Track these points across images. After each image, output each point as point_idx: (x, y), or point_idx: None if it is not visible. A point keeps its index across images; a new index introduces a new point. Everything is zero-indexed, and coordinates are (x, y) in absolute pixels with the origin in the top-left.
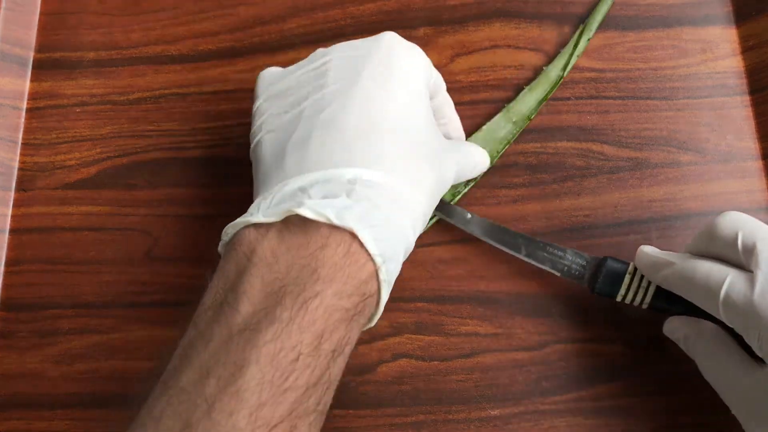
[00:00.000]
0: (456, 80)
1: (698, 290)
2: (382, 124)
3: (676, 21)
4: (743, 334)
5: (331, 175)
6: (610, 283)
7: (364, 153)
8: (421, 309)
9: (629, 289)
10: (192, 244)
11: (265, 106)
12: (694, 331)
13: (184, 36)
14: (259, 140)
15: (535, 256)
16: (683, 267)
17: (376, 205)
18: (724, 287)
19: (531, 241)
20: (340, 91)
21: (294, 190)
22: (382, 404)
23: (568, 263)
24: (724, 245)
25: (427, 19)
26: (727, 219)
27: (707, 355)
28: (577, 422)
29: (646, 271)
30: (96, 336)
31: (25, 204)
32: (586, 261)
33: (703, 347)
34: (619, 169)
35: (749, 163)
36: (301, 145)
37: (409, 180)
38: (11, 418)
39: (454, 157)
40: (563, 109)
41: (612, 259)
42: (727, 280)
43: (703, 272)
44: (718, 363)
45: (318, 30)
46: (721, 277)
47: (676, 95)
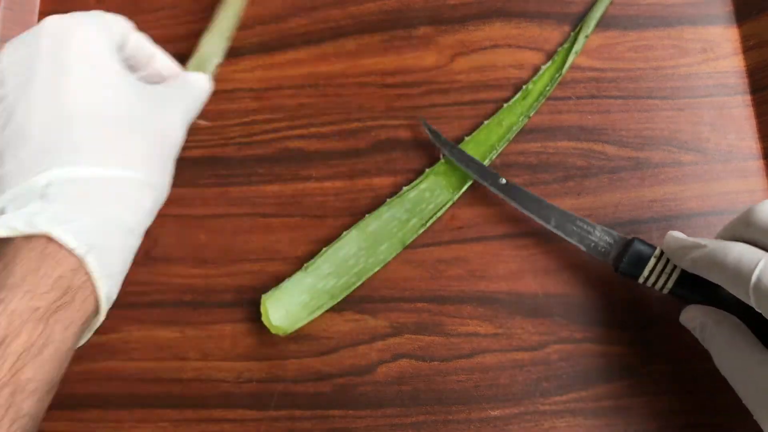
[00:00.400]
0: (456, 80)
1: (728, 273)
2: (71, 115)
3: (677, 20)
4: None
5: (25, 187)
6: (634, 264)
7: (57, 152)
8: (421, 309)
9: (653, 271)
10: (192, 244)
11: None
12: (712, 320)
13: (184, 36)
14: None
15: (563, 228)
16: (714, 249)
17: (78, 199)
18: (757, 270)
19: (562, 214)
20: (19, 97)
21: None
22: (382, 404)
23: (595, 239)
24: (762, 231)
25: (427, 18)
26: (765, 206)
27: (724, 345)
28: (577, 422)
29: (674, 254)
30: (95, 336)
31: None
32: (614, 239)
33: (721, 336)
34: (620, 169)
35: (750, 163)
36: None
37: (117, 161)
38: None
39: (173, 104)
40: (564, 108)
41: (639, 240)
42: (761, 263)
43: (736, 254)
44: (734, 353)
45: (318, 30)
46: (755, 259)
47: (677, 95)
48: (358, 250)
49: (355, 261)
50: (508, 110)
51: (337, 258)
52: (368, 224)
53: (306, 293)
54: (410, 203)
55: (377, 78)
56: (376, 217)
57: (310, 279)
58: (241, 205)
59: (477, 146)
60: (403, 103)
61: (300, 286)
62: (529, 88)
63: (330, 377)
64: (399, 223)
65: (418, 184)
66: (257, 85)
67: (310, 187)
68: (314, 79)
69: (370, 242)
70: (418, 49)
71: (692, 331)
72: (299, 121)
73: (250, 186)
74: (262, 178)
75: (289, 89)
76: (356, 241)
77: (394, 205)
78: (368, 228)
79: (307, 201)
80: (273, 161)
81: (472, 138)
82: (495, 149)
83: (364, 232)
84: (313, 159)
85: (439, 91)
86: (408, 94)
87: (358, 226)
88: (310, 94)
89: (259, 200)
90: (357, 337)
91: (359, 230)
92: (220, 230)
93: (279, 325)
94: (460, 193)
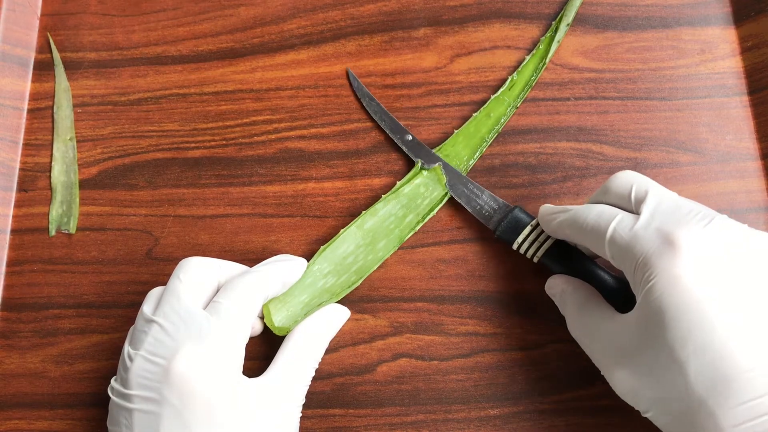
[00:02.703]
0: (456, 80)
1: (588, 229)
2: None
3: (675, 21)
4: (622, 266)
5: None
6: (511, 230)
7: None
8: (421, 309)
9: (526, 239)
10: (192, 245)
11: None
12: (570, 287)
13: (185, 37)
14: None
15: (455, 189)
16: (578, 210)
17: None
18: (613, 223)
19: (458, 176)
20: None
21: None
22: (382, 404)
23: (482, 203)
24: (618, 197)
25: (426, 19)
26: (621, 175)
27: (578, 307)
28: (576, 421)
29: (544, 220)
30: (97, 336)
31: (26, 204)
32: (498, 205)
33: (576, 300)
34: (618, 169)
35: (748, 163)
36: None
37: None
38: (12, 418)
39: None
40: (563, 109)
41: (521, 209)
42: (617, 218)
43: (595, 213)
44: (587, 313)
45: (318, 31)
46: (612, 215)
47: (676, 96)
48: (356, 247)
49: (353, 258)
50: (496, 101)
51: (336, 256)
52: (365, 221)
53: (306, 292)
54: (406, 198)
55: (377, 79)
56: (372, 213)
57: (309, 278)
58: (241, 205)
59: (467, 138)
60: (403, 103)
61: (300, 286)
62: (515, 79)
63: (330, 376)
64: (396, 219)
65: (412, 179)
66: (258, 86)
67: (310, 188)
68: (314, 79)
69: (367, 239)
70: (417, 50)
71: (553, 298)
72: (299, 121)
73: (250, 186)
74: (263, 178)
75: (289, 90)
76: (354, 238)
77: (390, 201)
78: (365, 225)
79: (307, 201)
80: (273, 162)
81: (461, 131)
82: (485, 141)
83: (361, 229)
84: (313, 159)
85: (439, 92)
86: (408, 94)
87: (355, 223)
88: (311, 94)
89: (259, 200)
90: (357, 336)
91: (356, 228)
92: (220, 230)
93: (282, 326)
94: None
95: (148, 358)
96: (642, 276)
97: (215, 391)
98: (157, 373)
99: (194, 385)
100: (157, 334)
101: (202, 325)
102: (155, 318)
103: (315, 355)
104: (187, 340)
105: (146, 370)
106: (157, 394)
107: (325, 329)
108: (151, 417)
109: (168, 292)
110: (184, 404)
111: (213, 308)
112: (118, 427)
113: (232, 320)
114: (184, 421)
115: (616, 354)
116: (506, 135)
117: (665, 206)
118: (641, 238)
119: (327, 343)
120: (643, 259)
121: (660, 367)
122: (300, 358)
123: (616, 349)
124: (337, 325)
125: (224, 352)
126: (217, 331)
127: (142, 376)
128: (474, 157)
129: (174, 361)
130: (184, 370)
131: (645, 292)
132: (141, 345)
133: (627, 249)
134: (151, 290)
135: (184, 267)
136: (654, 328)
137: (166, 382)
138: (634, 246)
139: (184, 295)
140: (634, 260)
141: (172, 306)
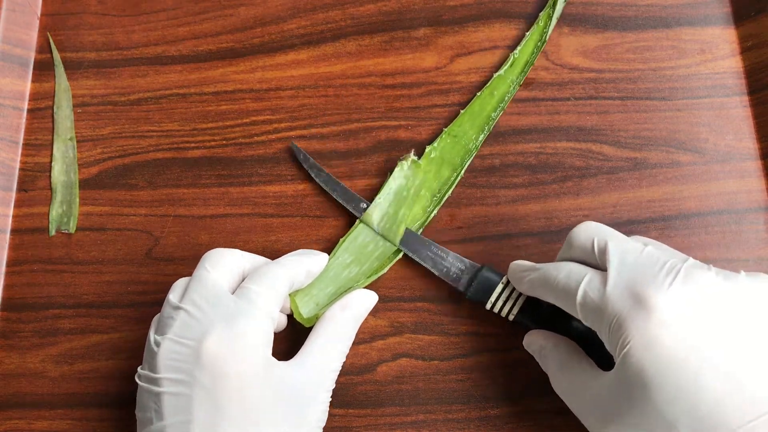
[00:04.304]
0: (456, 80)
1: (559, 289)
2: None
3: (675, 21)
4: (596, 328)
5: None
6: (482, 290)
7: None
8: (421, 309)
9: (499, 297)
10: (192, 244)
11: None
12: (550, 343)
13: (185, 37)
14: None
15: (418, 253)
16: (547, 269)
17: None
18: (582, 284)
19: (418, 239)
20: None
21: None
22: (382, 404)
23: (448, 265)
24: (582, 251)
25: (426, 19)
26: (582, 228)
27: (559, 365)
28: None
29: (515, 278)
30: (97, 336)
31: (26, 204)
32: (465, 266)
33: (556, 357)
34: (618, 170)
35: (748, 163)
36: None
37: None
38: (12, 418)
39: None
40: (563, 109)
41: (488, 268)
42: (585, 278)
43: (565, 272)
44: (568, 371)
45: (318, 31)
46: (581, 275)
47: (676, 95)
48: (374, 235)
49: (374, 246)
50: (499, 80)
51: (356, 246)
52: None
53: (331, 284)
54: (392, 195)
55: (377, 79)
56: (385, 196)
57: (332, 271)
58: (241, 205)
59: (473, 117)
60: (403, 103)
61: (324, 279)
62: (516, 56)
63: None
64: (388, 217)
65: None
66: (258, 86)
67: (310, 187)
68: (314, 79)
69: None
70: (417, 50)
71: (533, 354)
72: (300, 121)
73: (250, 186)
74: (263, 178)
75: (289, 90)
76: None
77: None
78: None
79: (307, 201)
80: (273, 162)
81: (466, 110)
82: (491, 119)
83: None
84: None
85: (439, 92)
86: (408, 94)
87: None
88: (311, 94)
89: (259, 200)
90: (357, 336)
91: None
92: (220, 230)
93: (310, 317)
94: (463, 169)
95: (177, 341)
96: (618, 339)
97: (246, 372)
98: (187, 354)
99: (225, 365)
100: (186, 318)
101: (230, 308)
102: (183, 305)
103: (345, 339)
104: (216, 322)
105: (175, 352)
106: (187, 375)
107: (354, 313)
108: (181, 399)
109: (195, 280)
110: (215, 384)
111: (241, 293)
112: (146, 412)
113: (261, 303)
114: (216, 402)
115: (602, 414)
116: (506, 135)
117: (630, 261)
118: (611, 299)
119: (357, 326)
120: (616, 321)
121: (648, 427)
122: (331, 342)
123: (602, 409)
124: (366, 308)
125: (254, 334)
126: (247, 313)
127: (172, 359)
128: (481, 134)
129: (205, 342)
130: (215, 351)
131: (623, 355)
132: (169, 329)
133: (598, 311)
134: (177, 281)
135: (210, 257)
136: (637, 390)
137: (197, 363)
138: (605, 308)
139: (212, 281)
140: (607, 323)
141: (200, 293)
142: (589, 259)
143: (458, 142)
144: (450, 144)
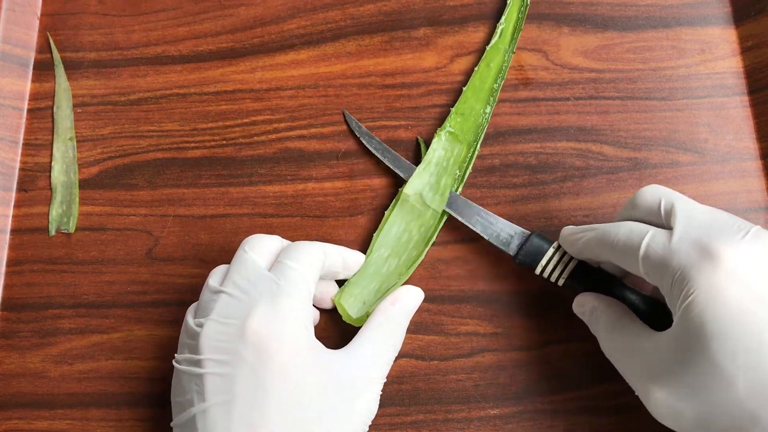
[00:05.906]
0: (456, 80)
1: (620, 246)
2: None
3: (675, 21)
4: (657, 282)
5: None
6: (533, 254)
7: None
8: (421, 309)
9: (549, 261)
10: (192, 244)
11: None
12: (602, 305)
13: (185, 36)
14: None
15: (468, 218)
16: (606, 228)
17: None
18: (645, 239)
19: (468, 204)
20: (218, 418)
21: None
22: (382, 404)
23: (497, 230)
24: (647, 211)
25: (426, 19)
26: (649, 189)
27: (611, 325)
28: (576, 421)
29: (568, 241)
30: (96, 336)
31: (26, 204)
32: (515, 232)
33: (609, 317)
34: (618, 170)
35: (748, 163)
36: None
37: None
38: (12, 418)
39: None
40: (562, 109)
41: (538, 234)
42: (649, 234)
43: (626, 230)
44: (620, 330)
45: (318, 31)
46: (643, 231)
47: (676, 95)
48: (406, 224)
49: (408, 236)
50: (493, 50)
51: (390, 239)
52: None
53: (374, 280)
54: (433, 166)
55: (377, 79)
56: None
57: (372, 267)
58: (241, 205)
59: (476, 92)
60: (403, 103)
61: (365, 276)
62: (503, 25)
63: None
64: (430, 187)
65: (434, 149)
66: (258, 86)
67: (310, 187)
68: (314, 79)
69: (415, 213)
70: (417, 50)
71: (582, 316)
72: (299, 121)
73: (250, 186)
74: (263, 178)
75: (289, 90)
76: (401, 216)
77: (421, 173)
78: (407, 201)
79: (307, 201)
80: (273, 161)
81: (468, 86)
82: (494, 90)
83: (404, 205)
84: (313, 159)
85: (439, 92)
86: (408, 94)
87: (395, 203)
88: (311, 94)
89: (259, 200)
90: None
91: (398, 206)
92: (220, 230)
93: (359, 317)
94: (478, 144)
95: (221, 321)
96: (680, 291)
97: (290, 349)
98: (231, 334)
99: (270, 342)
100: (228, 300)
101: (272, 287)
102: (224, 288)
103: (397, 332)
104: (259, 300)
105: (219, 332)
106: (231, 355)
107: (405, 306)
108: (225, 378)
109: (236, 262)
110: (260, 361)
111: (278, 269)
112: (187, 395)
113: (299, 279)
114: (260, 379)
115: (653, 374)
116: (506, 135)
117: (699, 219)
118: (677, 252)
119: (407, 320)
120: (680, 273)
121: (705, 384)
122: (382, 334)
123: (653, 369)
124: (415, 303)
125: (296, 312)
126: (287, 291)
127: (215, 339)
128: (488, 107)
129: (249, 320)
130: (259, 328)
131: (684, 308)
132: (211, 312)
133: (662, 264)
134: (216, 267)
135: (249, 241)
136: (696, 344)
137: (242, 341)
138: (670, 261)
139: (252, 262)
140: (670, 275)
141: (241, 274)
142: (653, 220)
143: (467, 119)
144: (460, 122)
